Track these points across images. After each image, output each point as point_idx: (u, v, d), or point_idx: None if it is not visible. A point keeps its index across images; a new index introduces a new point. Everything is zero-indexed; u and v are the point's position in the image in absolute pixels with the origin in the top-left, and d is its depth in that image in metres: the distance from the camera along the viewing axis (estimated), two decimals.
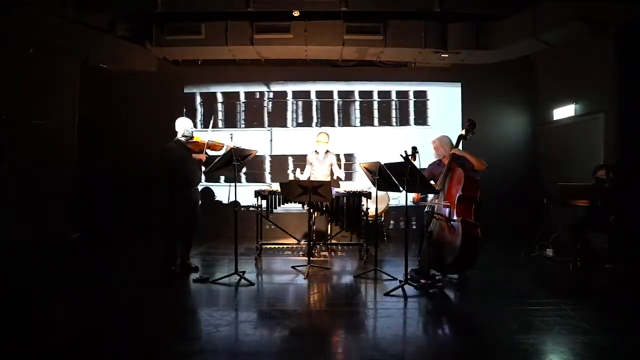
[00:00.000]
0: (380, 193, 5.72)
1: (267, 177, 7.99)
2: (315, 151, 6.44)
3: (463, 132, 4.89)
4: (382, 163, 4.55)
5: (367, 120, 7.95)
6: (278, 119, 8.01)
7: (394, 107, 7.92)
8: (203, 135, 5.35)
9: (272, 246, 6.69)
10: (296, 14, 6.33)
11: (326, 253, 6.38)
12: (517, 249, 6.37)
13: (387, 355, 3.10)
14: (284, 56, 7.46)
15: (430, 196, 4.97)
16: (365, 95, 7.94)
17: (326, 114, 7.97)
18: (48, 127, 6.09)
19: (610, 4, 5.34)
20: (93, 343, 3.22)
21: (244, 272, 4.88)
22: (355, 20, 6.53)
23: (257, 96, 8.01)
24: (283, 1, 6.19)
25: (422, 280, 4.50)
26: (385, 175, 4.55)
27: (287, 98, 7.99)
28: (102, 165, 7.37)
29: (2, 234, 5.12)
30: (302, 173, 6.24)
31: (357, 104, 7.95)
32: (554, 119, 6.99)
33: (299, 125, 8.01)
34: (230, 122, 8.02)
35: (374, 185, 4.89)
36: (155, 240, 5.14)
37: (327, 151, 6.40)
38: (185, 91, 8.04)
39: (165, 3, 5.99)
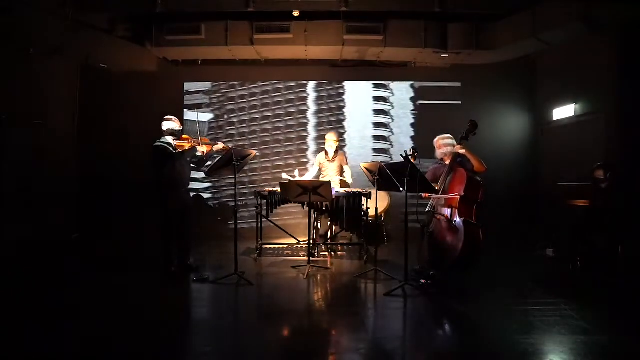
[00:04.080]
0: (380, 192, 5.70)
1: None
2: (325, 152, 6.36)
3: (464, 133, 4.87)
4: (383, 164, 4.55)
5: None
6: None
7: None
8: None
9: (272, 246, 6.69)
10: (296, 14, 6.33)
11: (326, 253, 6.38)
12: (517, 249, 6.37)
13: (387, 355, 3.10)
14: (284, 56, 7.47)
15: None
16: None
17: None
18: (48, 127, 6.09)
19: (610, 4, 5.34)
20: (93, 343, 3.21)
21: (243, 272, 4.88)
22: (355, 20, 6.53)
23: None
24: (283, 1, 6.20)
25: (422, 280, 4.51)
26: (385, 175, 4.55)
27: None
28: (102, 165, 7.37)
29: (2, 234, 5.12)
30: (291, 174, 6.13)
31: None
32: (554, 119, 6.99)
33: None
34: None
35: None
36: (155, 241, 5.13)
37: (337, 150, 6.34)
38: (185, 91, 8.05)
39: (165, 3, 6.00)
